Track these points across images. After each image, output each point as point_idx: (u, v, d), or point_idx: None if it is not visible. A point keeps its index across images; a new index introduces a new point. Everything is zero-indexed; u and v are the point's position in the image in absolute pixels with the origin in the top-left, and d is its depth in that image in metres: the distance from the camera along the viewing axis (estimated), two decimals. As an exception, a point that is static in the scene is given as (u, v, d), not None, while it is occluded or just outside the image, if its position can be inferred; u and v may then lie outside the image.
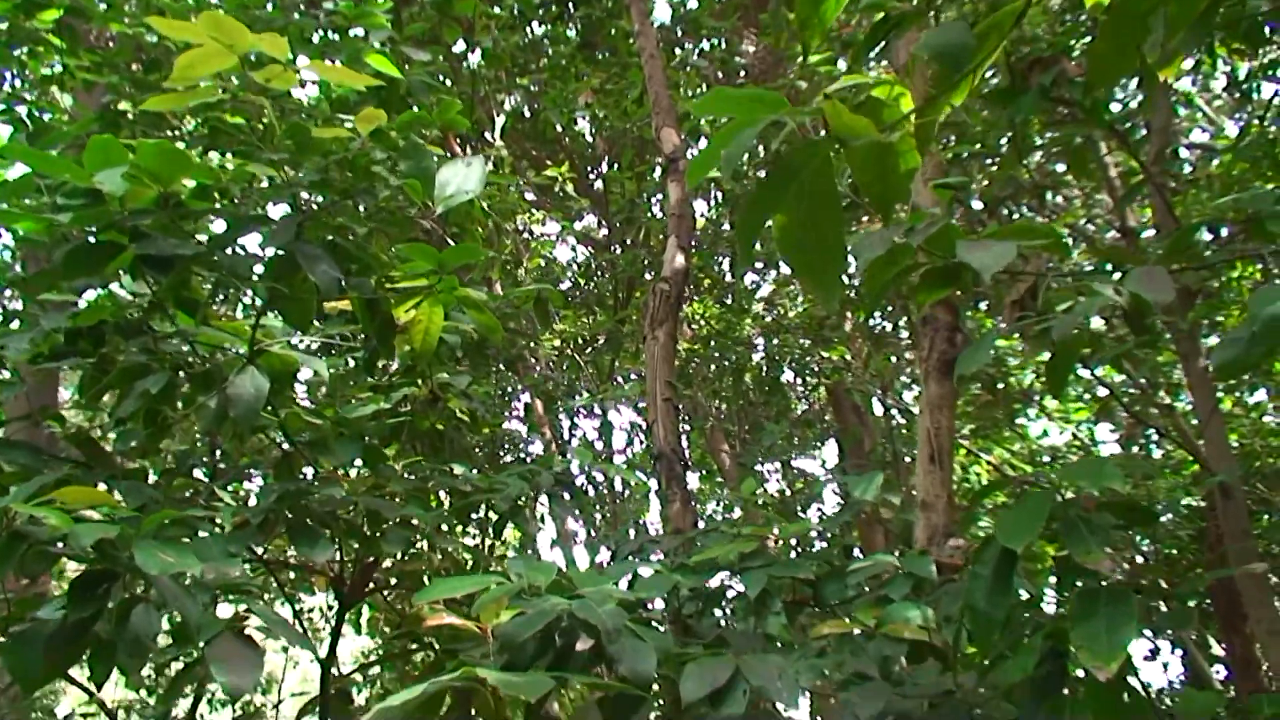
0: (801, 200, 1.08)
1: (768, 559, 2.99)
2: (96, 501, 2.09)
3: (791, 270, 1.50)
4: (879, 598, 2.72)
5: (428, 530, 2.99)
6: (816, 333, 8.34)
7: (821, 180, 1.08)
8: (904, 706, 2.21)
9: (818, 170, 1.07)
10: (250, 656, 2.10)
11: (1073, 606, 1.67)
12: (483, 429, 3.80)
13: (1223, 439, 4.25)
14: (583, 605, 2.33)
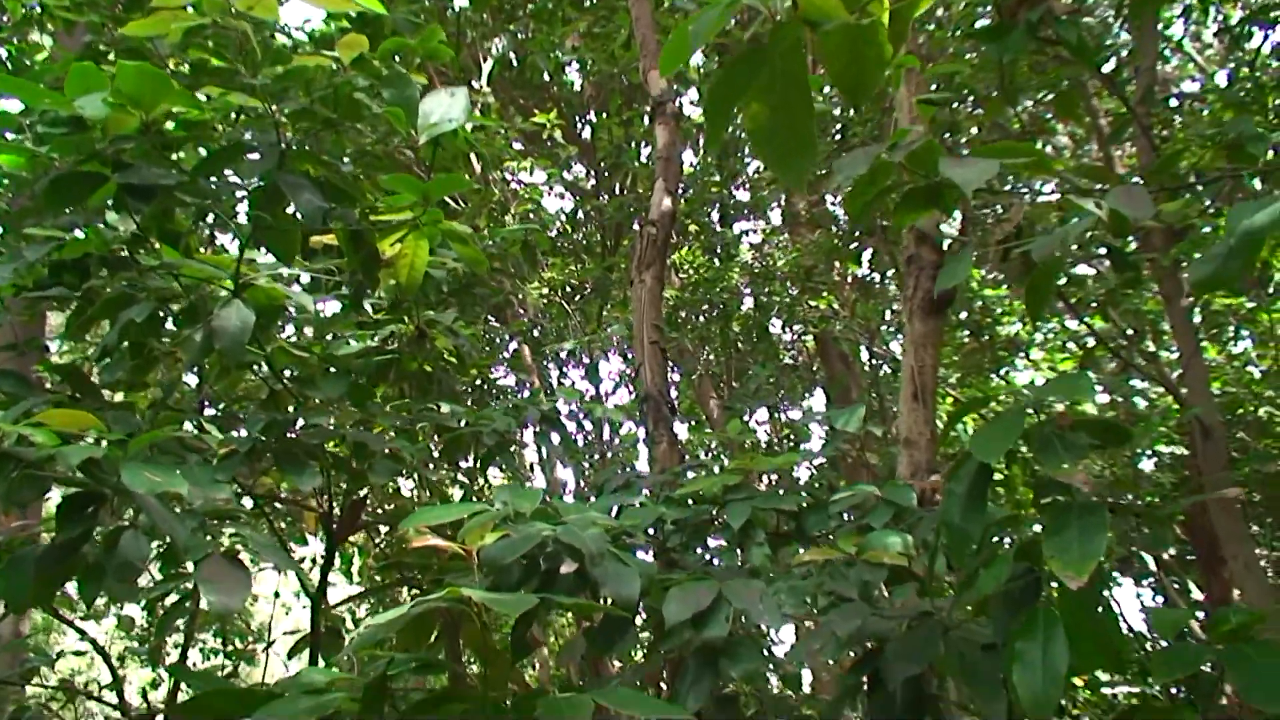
0: (773, 84, 1.09)
1: (751, 492, 3.03)
2: (84, 425, 2.10)
3: (761, 157, 1.50)
4: (860, 526, 2.76)
5: (415, 464, 3.02)
6: (804, 281, 8.35)
7: (792, 63, 1.08)
8: (881, 626, 2.26)
9: (787, 53, 1.08)
10: (239, 577, 2.13)
11: (1045, 520, 1.71)
12: (470, 371, 3.81)
13: (1204, 381, 4.29)
14: (567, 530, 2.36)
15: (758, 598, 2.37)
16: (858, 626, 2.19)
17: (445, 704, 2.21)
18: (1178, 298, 4.36)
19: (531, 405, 3.39)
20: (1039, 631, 1.68)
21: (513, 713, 2.16)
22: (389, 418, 3.15)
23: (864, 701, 2.39)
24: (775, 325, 9.62)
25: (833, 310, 8.58)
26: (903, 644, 2.21)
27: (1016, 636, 1.71)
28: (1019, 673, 1.66)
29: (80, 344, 4.98)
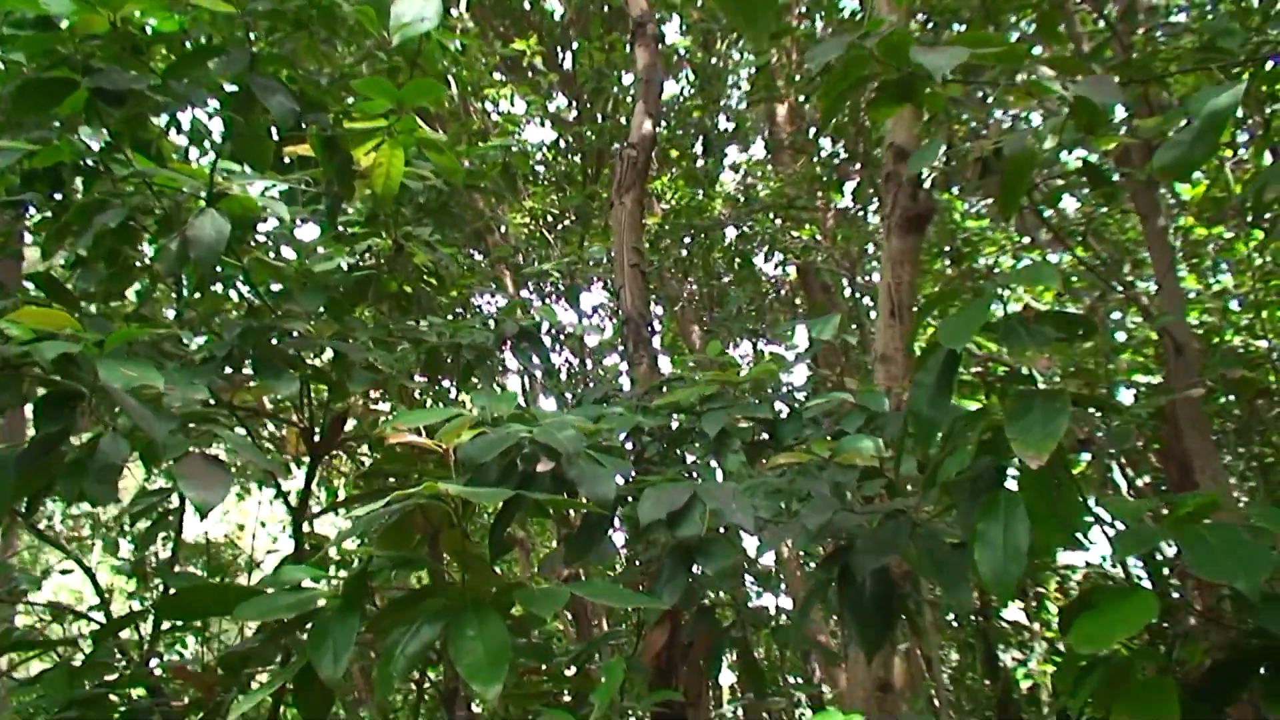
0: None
1: (727, 401, 3.07)
2: (59, 324, 2.10)
3: (724, 10, 1.50)
4: (834, 432, 2.81)
5: (393, 375, 3.03)
6: (786, 211, 8.34)
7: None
8: (850, 521, 2.31)
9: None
10: (219, 474, 2.15)
11: (1008, 406, 1.74)
12: (450, 292, 3.81)
13: (1178, 298, 4.33)
14: (544, 430, 2.39)
15: (731, 498, 2.41)
16: (828, 519, 2.23)
17: (425, 599, 2.26)
18: (1154, 216, 4.38)
19: (509, 318, 3.39)
20: (1000, 512, 1.73)
21: (493, 606, 2.20)
22: (368, 332, 3.15)
23: (834, 598, 2.45)
24: (759, 259, 9.62)
25: (815, 241, 8.58)
26: (871, 538, 2.26)
27: (979, 519, 1.75)
28: (980, 552, 1.71)
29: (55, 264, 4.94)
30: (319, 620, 2.19)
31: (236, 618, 2.16)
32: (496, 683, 2.02)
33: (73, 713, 2.39)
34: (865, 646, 2.28)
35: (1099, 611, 1.65)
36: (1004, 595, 1.67)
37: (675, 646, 3.84)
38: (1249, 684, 1.75)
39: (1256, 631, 1.82)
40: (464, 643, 2.10)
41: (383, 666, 2.17)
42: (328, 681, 2.14)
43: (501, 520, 2.43)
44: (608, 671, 2.09)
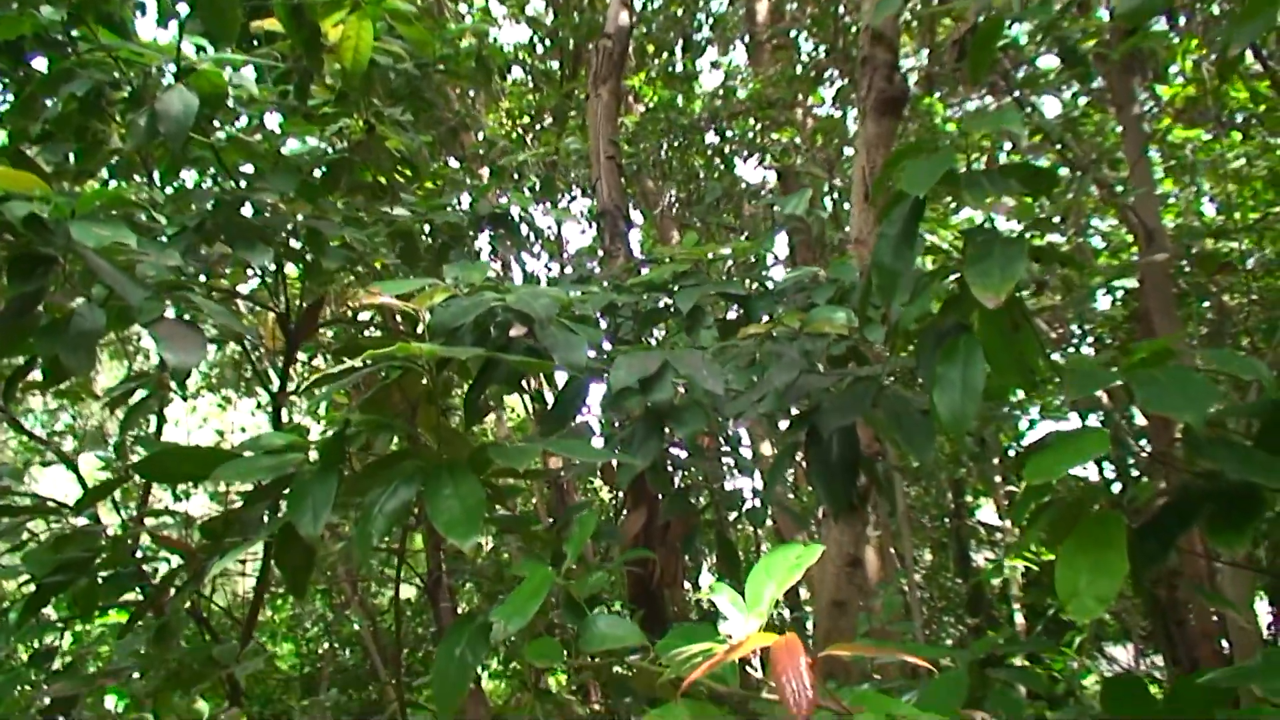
0: None
1: (701, 279, 3.10)
2: (28, 186, 2.10)
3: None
4: (805, 305, 2.84)
5: (368, 253, 3.04)
6: (766, 113, 8.28)
7: None
8: (818, 384, 2.36)
9: None
10: (194, 336, 2.18)
11: (969, 251, 1.77)
12: (425, 183, 3.79)
13: (1150, 186, 4.36)
14: (517, 298, 2.42)
15: (702, 364, 2.45)
16: (795, 378, 2.28)
17: (402, 461, 2.30)
18: (1129, 105, 4.39)
19: (483, 198, 3.39)
20: (959, 355, 1.77)
21: (468, 466, 2.25)
22: (340, 212, 3.15)
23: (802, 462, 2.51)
24: (738, 162, 9.56)
25: (795, 144, 8.53)
26: (838, 400, 2.32)
27: (939, 363, 1.80)
28: (939, 394, 1.76)
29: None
30: (298, 481, 2.24)
31: (216, 479, 2.20)
32: (473, 535, 2.08)
33: (58, 577, 2.45)
34: (832, 505, 2.36)
35: (1053, 447, 1.70)
36: (959, 433, 1.73)
37: (652, 529, 3.93)
38: (1195, 522, 1.82)
39: (1205, 474, 1.89)
40: (441, 500, 2.15)
41: (362, 526, 2.23)
42: (308, 539, 2.19)
43: (477, 385, 2.47)
44: (580, 524, 2.15)
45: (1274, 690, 1.55)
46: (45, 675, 2.95)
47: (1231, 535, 1.73)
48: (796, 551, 1.66)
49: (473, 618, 2.25)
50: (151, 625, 3.09)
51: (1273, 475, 1.68)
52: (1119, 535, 1.68)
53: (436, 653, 2.25)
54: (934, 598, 10.64)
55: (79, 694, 2.88)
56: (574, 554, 2.10)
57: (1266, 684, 1.57)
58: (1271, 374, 1.77)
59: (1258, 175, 7.97)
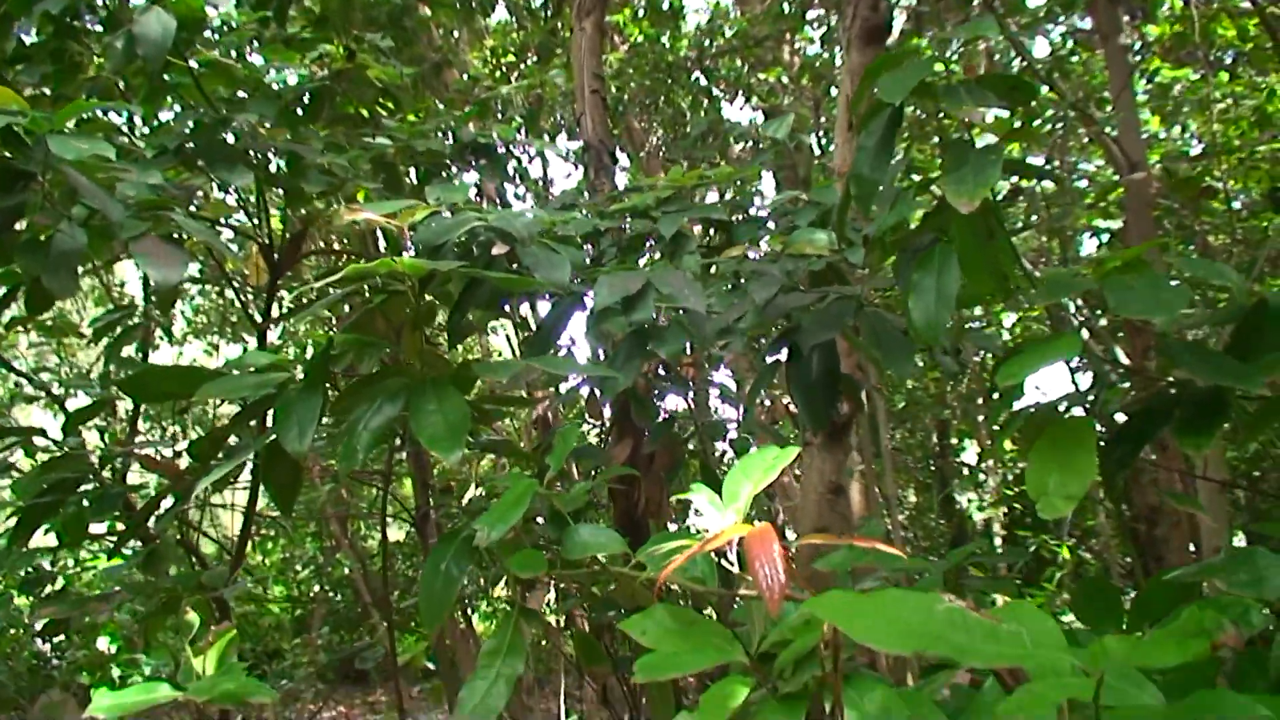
0: None
1: (684, 204, 3.10)
2: (4, 101, 2.09)
3: None
4: (788, 228, 2.85)
5: (350, 179, 3.02)
6: (752, 52, 8.21)
7: None
8: (798, 301, 2.38)
9: None
10: (176, 252, 2.18)
11: (946, 160, 1.79)
12: (408, 115, 3.76)
13: (1132, 116, 4.36)
14: (499, 217, 2.43)
15: (684, 284, 2.47)
16: (774, 293, 2.30)
17: (385, 378, 2.32)
18: (1114, 34, 4.38)
19: (464, 126, 3.37)
20: (934, 262, 1.80)
21: (451, 383, 2.27)
22: (321, 140, 3.13)
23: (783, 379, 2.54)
24: (726, 108, 9.49)
25: (781, 83, 8.48)
26: (818, 316, 2.34)
27: (914, 271, 1.82)
28: (913, 300, 1.78)
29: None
30: (283, 399, 2.26)
31: (201, 396, 2.22)
32: (457, 449, 2.11)
33: (46, 498, 2.47)
34: (813, 423, 2.39)
35: (1025, 352, 1.73)
36: (933, 338, 1.75)
37: (637, 461, 3.97)
38: (1164, 426, 1.85)
39: (1175, 383, 1.93)
40: (425, 416, 2.18)
41: (346, 442, 2.25)
42: (294, 455, 2.22)
43: (460, 306, 2.49)
44: (562, 438, 2.18)
45: (1238, 583, 1.60)
46: (36, 601, 2.98)
47: (1198, 437, 1.77)
48: (773, 454, 1.69)
49: (458, 533, 2.29)
50: (141, 553, 3.13)
51: (1240, 378, 1.72)
52: (1088, 438, 1.71)
53: (423, 569, 2.29)
54: (917, 538, 10.77)
55: (71, 617, 2.92)
56: (556, 465, 2.13)
57: (1230, 577, 1.61)
58: (1242, 281, 1.80)
59: (1244, 116, 7.97)
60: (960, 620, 1.14)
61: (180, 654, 2.40)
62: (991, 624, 1.13)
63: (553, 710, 6.57)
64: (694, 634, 1.83)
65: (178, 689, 2.07)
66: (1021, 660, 1.08)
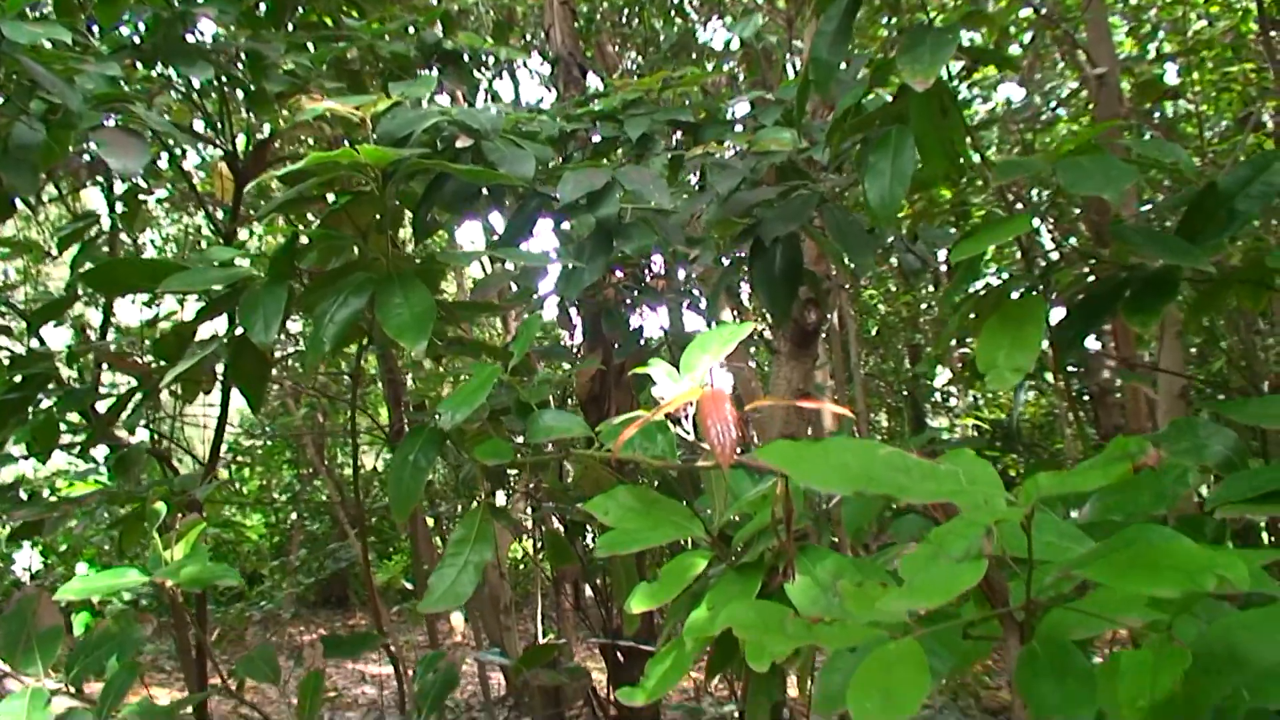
0: None
1: (651, 108, 3.09)
2: (-47, -12, 2.06)
3: None
4: (754, 127, 2.86)
5: (314, 79, 2.99)
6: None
7: None
8: (762, 195, 2.40)
9: None
10: (136, 142, 2.17)
11: (903, 43, 1.80)
12: (373, 24, 3.69)
13: (1104, 29, 4.36)
14: (463, 111, 2.42)
15: (649, 180, 2.48)
16: (738, 184, 2.32)
17: (351, 273, 2.33)
18: (1086, -55, 4.35)
19: (428, 28, 3.33)
20: (890, 144, 1.82)
21: (416, 276, 2.28)
22: (285, 40, 3.09)
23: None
24: (701, 33, 9.35)
25: (756, 3, 8.37)
26: (780, 209, 2.36)
27: (871, 154, 1.84)
28: (869, 181, 1.81)
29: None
30: (249, 292, 2.27)
31: (165, 289, 2.22)
32: (422, 339, 2.13)
33: (13, 394, 2.48)
34: (775, 313, 2.42)
35: (979, 230, 1.76)
36: (888, 218, 1.78)
37: (607, 372, 4.01)
38: (1114, 306, 1.90)
39: (1125, 267, 1.97)
40: (391, 309, 2.20)
41: (313, 334, 2.27)
42: (261, 346, 2.23)
43: (426, 201, 2.49)
44: (525, 326, 2.21)
45: (1179, 450, 1.65)
46: (8, 505, 3.00)
47: (1146, 315, 1.81)
48: (729, 329, 1.72)
49: (425, 426, 2.33)
50: (112, 456, 3.15)
51: (1188, 257, 1.76)
52: (1038, 314, 1.75)
53: (391, 459, 2.33)
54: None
55: (44, 520, 2.95)
56: (520, 353, 2.15)
57: (1172, 446, 1.67)
58: (1193, 161, 1.83)
59: (1219, 39, 7.95)
60: (900, 462, 1.18)
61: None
62: (930, 465, 1.17)
63: (530, 631, 6.70)
64: (655, 512, 1.87)
65: (145, 574, 2.11)
66: (956, 496, 1.12)
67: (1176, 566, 1.01)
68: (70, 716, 2.15)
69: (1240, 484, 1.46)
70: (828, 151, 2.54)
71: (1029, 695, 1.11)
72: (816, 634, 1.22)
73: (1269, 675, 1.05)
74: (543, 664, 3.32)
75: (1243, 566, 0.99)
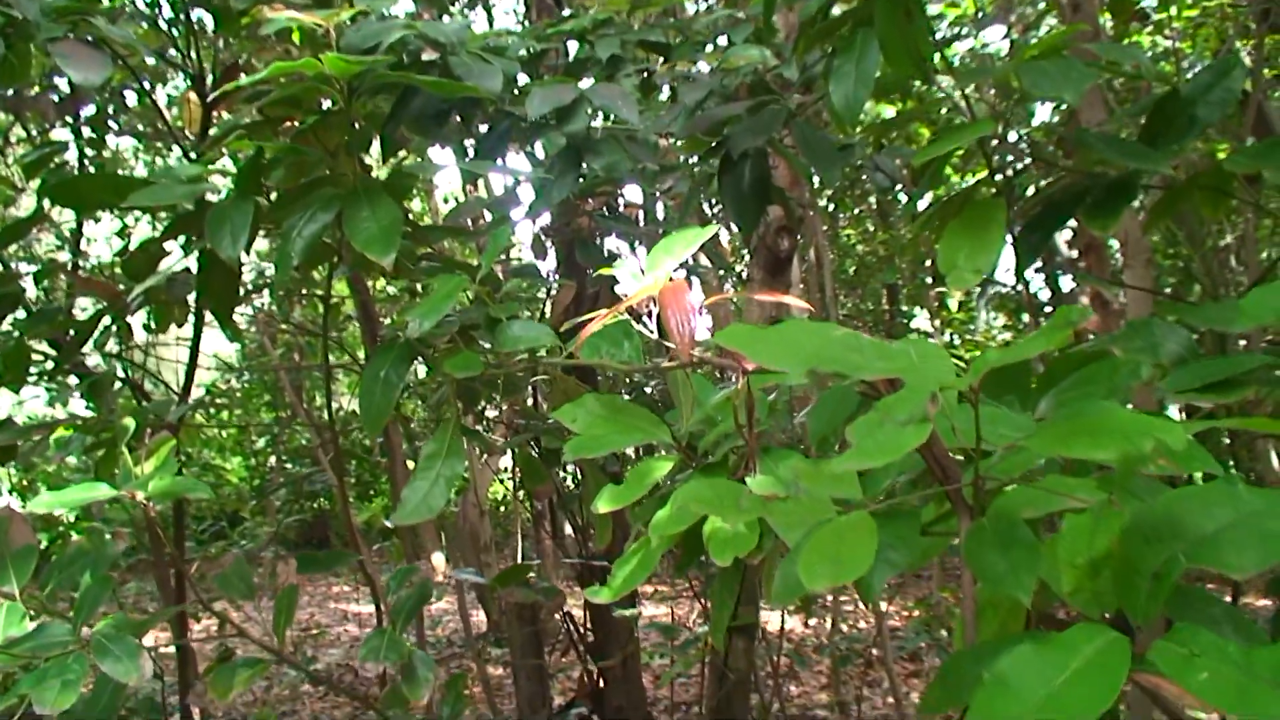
0: None
1: (622, 28, 3.07)
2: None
3: None
4: (724, 46, 2.84)
5: None
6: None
7: None
8: (730, 110, 2.39)
9: None
10: (97, 55, 2.14)
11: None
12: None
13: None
14: (428, 24, 2.40)
15: (618, 96, 2.47)
16: (706, 95, 2.32)
17: (319, 187, 2.33)
18: None
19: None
20: (855, 48, 1.82)
21: (385, 190, 2.28)
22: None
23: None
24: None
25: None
26: (748, 123, 2.37)
27: (836, 58, 1.84)
28: (834, 85, 1.81)
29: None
30: (216, 207, 2.26)
31: (132, 204, 2.21)
32: (390, 251, 2.13)
33: (-17, 315, 2.47)
34: (742, 226, 2.43)
35: (942, 134, 1.78)
36: (851, 120, 1.79)
37: (582, 299, 4.02)
38: (1074, 212, 1.92)
39: (1086, 174, 1.99)
40: (359, 222, 2.20)
41: (281, 248, 2.27)
42: (228, 261, 2.23)
43: (394, 117, 2.48)
44: (494, 237, 2.21)
45: (1134, 348, 1.68)
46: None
47: (1105, 218, 1.84)
48: (692, 231, 1.73)
49: (396, 340, 2.34)
50: (84, 382, 3.15)
51: (1148, 161, 1.78)
52: (999, 216, 1.77)
53: (363, 374, 2.34)
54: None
55: (14, 444, 2.95)
56: (488, 263, 2.16)
57: (1127, 344, 1.70)
58: (1153, 66, 1.84)
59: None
60: (854, 342, 1.20)
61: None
62: (883, 344, 1.19)
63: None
64: (622, 418, 1.90)
65: (115, 489, 2.12)
66: (906, 373, 1.14)
67: (1116, 431, 1.04)
68: (45, 629, 2.18)
69: (1189, 374, 1.50)
70: (796, 66, 2.54)
71: (976, 566, 1.15)
72: (771, 509, 1.25)
73: (1205, 541, 1.08)
74: (517, 583, 3.37)
75: (1180, 430, 1.02)
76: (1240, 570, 1.05)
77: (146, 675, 2.05)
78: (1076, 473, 1.29)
